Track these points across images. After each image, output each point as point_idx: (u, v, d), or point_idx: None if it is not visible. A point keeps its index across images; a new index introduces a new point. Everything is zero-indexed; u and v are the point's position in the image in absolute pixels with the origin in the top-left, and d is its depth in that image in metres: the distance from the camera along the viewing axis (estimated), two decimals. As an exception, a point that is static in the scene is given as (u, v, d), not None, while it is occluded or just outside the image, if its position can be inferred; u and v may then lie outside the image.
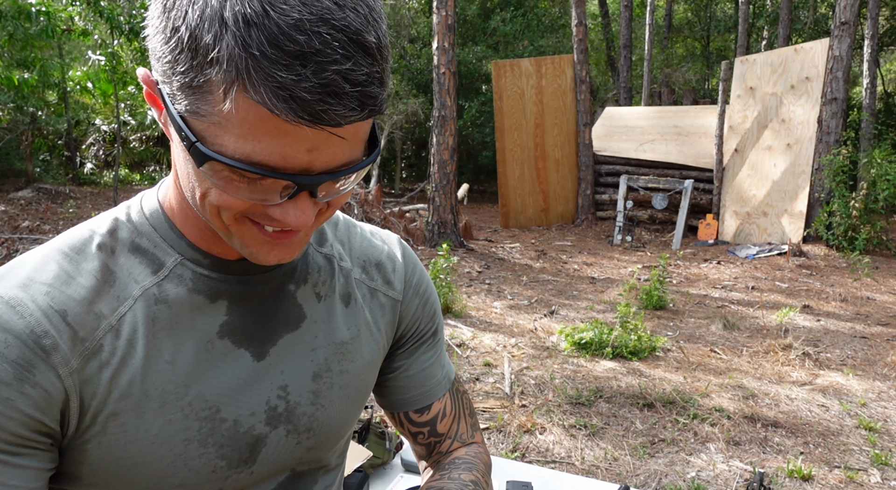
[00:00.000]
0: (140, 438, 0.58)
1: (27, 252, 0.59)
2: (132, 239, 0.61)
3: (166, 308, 0.60)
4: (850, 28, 8.47)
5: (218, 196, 0.52)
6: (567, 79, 10.33)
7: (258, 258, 0.57)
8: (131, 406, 0.58)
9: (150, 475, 0.60)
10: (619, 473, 2.78)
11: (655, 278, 5.56)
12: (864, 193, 8.13)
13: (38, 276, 0.56)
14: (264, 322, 0.66)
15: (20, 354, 0.53)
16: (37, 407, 0.53)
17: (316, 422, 0.70)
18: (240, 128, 0.47)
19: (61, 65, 10.41)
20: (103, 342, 0.57)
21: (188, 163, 0.52)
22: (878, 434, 3.19)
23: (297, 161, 0.49)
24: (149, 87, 0.53)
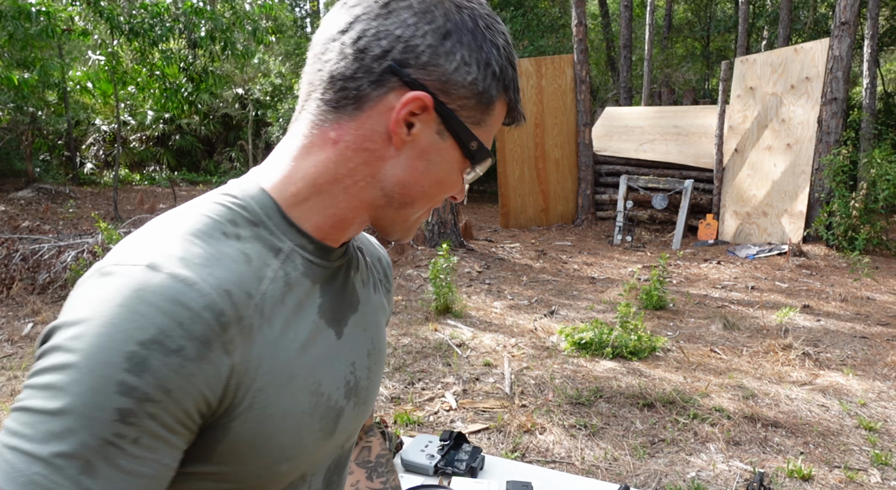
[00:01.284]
0: (275, 413, 0.61)
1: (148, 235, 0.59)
2: (251, 226, 0.64)
3: (289, 290, 0.64)
4: (850, 28, 8.47)
5: (455, 185, 0.69)
6: (567, 79, 10.33)
7: (405, 237, 0.72)
8: (270, 381, 0.61)
9: (276, 448, 0.63)
10: (619, 473, 2.78)
11: (655, 278, 5.56)
12: (864, 193, 8.13)
13: (193, 257, 0.57)
14: (340, 304, 0.72)
15: (203, 332, 0.54)
16: (208, 384, 0.55)
17: (369, 395, 0.77)
18: (494, 128, 0.68)
19: (61, 65, 10.40)
20: (253, 320, 0.59)
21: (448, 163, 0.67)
22: (878, 434, 3.19)
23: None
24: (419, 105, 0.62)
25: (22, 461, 0.49)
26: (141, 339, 0.51)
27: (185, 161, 18.80)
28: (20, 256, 6.07)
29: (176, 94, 10.08)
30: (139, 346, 0.51)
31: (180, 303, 0.53)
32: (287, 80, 17.70)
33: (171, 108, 10.44)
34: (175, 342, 0.52)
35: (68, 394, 0.50)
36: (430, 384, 3.76)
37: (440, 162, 0.65)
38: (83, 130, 17.49)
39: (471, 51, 0.63)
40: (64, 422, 0.49)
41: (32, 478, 0.48)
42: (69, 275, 5.72)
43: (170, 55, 9.45)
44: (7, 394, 3.54)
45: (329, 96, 0.63)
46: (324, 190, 0.66)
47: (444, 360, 4.16)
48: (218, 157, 19.28)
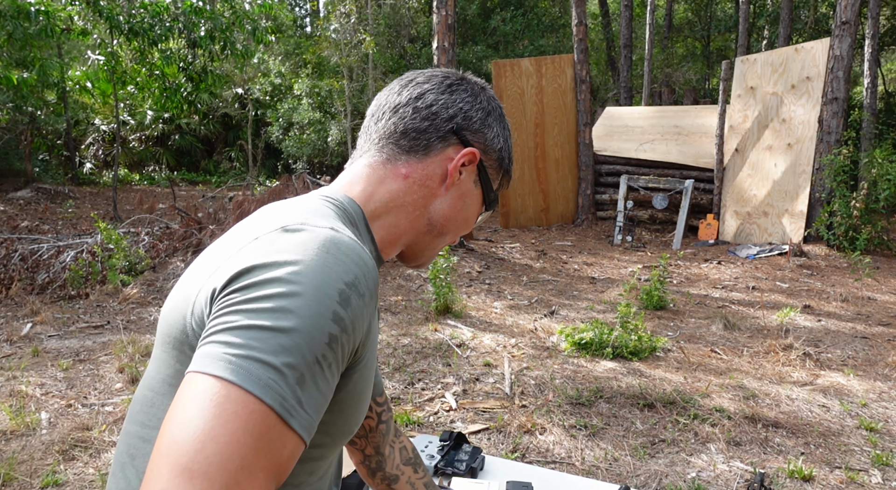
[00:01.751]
0: (369, 375, 0.74)
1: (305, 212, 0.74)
2: (352, 226, 0.79)
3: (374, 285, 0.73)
4: (851, 27, 8.46)
5: (473, 223, 0.91)
6: (567, 78, 10.32)
7: (426, 264, 0.92)
8: (372, 345, 0.74)
9: (356, 403, 0.74)
10: (620, 474, 2.77)
11: (656, 278, 5.55)
12: (865, 193, 8.12)
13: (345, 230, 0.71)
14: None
15: (373, 286, 0.67)
16: (364, 330, 0.67)
17: (377, 386, 0.95)
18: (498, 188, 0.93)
19: (60, 64, 10.39)
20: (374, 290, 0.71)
21: (472, 206, 0.90)
22: (878, 434, 3.18)
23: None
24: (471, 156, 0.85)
25: (258, 368, 0.57)
26: (346, 280, 0.64)
27: (185, 161, 18.79)
28: (19, 256, 6.05)
29: (175, 93, 10.07)
30: (345, 285, 0.63)
31: (363, 259, 0.67)
32: (287, 79, 17.68)
33: (170, 107, 10.43)
34: (364, 286, 0.65)
35: (298, 316, 0.59)
36: (429, 384, 3.75)
37: (471, 204, 0.88)
38: (82, 130, 17.47)
39: (501, 128, 0.89)
40: (293, 338, 0.59)
41: (268, 382, 0.57)
42: (68, 275, 5.71)
43: (169, 55, 9.44)
44: (6, 394, 3.53)
45: (403, 143, 0.84)
46: (392, 211, 0.84)
47: (444, 361, 4.15)
48: (217, 157, 19.27)
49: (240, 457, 0.54)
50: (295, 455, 0.59)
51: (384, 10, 15.49)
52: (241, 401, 0.55)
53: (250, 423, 0.55)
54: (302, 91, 15.68)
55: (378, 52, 14.14)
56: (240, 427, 0.55)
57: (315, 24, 24.14)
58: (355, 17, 13.83)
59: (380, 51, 14.46)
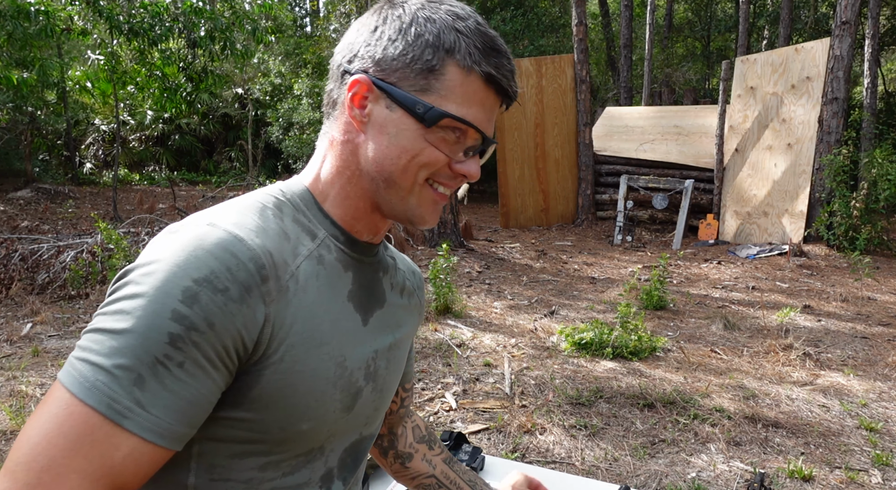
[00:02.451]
0: (302, 370, 0.69)
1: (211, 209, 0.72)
2: (293, 213, 0.76)
3: (322, 268, 0.74)
4: (851, 27, 8.46)
5: (431, 155, 0.72)
6: (567, 78, 10.31)
7: (425, 217, 0.77)
8: (302, 341, 0.69)
9: (300, 405, 0.70)
10: (620, 474, 2.77)
11: (656, 278, 5.55)
12: (865, 193, 8.12)
13: (244, 222, 0.68)
14: (369, 297, 0.82)
15: (246, 279, 0.64)
16: (246, 326, 0.64)
17: (385, 385, 0.85)
18: (460, 97, 0.71)
19: (60, 64, 10.39)
20: (289, 283, 0.69)
21: (406, 132, 0.72)
22: (879, 434, 3.18)
23: (485, 125, 0.74)
24: (364, 85, 0.72)
25: (89, 370, 0.59)
26: (196, 277, 0.61)
27: (185, 161, 18.79)
28: (19, 256, 6.05)
29: (175, 93, 10.07)
30: (193, 283, 0.61)
31: (230, 252, 0.64)
32: (287, 79, 17.68)
33: (170, 107, 10.43)
34: (222, 283, 0.62)
35: (133, 317, 0.60)
36: (430, 384, 3.75)
37: (398, 132, 0.72)
38: (82, 130, 17.48)
39: (397, 30, 0.72)
40: (126, 339, 0.59)
41: (95, 384, 0.58)
42: (68, 275, 5.71)
43: (169, 55, 9.44)
44: (6, 394, 3.53)
45: (326, 109, 0.79)
46: (335, 184, 0.78)
47: (444, 361, 4.15)
48: (217, 157, 19.27)
49: (48, 458, 0.56)
50: (137, 457, 0.59)
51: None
52: (65, 403, 0.58)
53: (67, 424, 0.57)
54: (302, 91, 15.68)
55: (378, 52, 14.14)
56: (54, 429, 0.57)
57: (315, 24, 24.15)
58: (355, 16, 13.83)
59: (380, 51, 14.44)
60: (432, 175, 0.74)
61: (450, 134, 0.72)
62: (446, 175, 0.75)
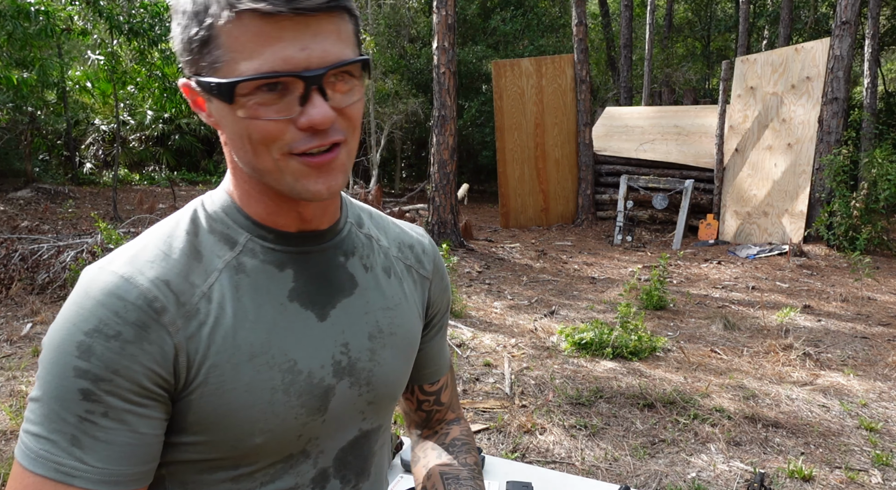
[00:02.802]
0: (235, 387, 0.68)
1: (126, 243, 0.72)
2: (209, 224, 0.73)
3: (245, 277, 0.71)
4: (851, 27, 8.46)
5: (258, 130, 0.63)
6: (567, 78, 10.32)
7: (309, 187, 0.66)
8: (226, 358, 0.68)
9: (245, 421, 0.69)
10: (620, 474, 2.77)
11: (656, 278, 5.55)
12: (865, 193, 8.12)
13: (143, 256, 0.67)
14: (324, 288, 0.76)
15: (138, 317, 0.63)
16: (155, 361, 0.64)
17: (374, 377, 0.79)
18: (244, 50, 0.60)
19: (60, 64, 10.40)
20: (199, 306, 0.67)
21: (228, 118, 0.64)
22: (879, 434, 3.18)
23: (297, 61, 0.60)
24: (188, 89, 0.67)
25: (31, 441, 0.62)
26: (85, 330, 0.62)
27: (185, 161, 18.79)
28: (19, 256, 6.05)
29: (175, 93, 10.07)
30: (85, 336, 0.62)
31: (116, 295, 0.63)
32: (287, 79, 17.66)
33: (170, 107, 10.43)
34: (112, 329, 0.62)
35: (45, 383, 0.62)
36: (429, 384, 3.74)
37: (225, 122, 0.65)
38: (82, 130, 17.47)
39: (174, 17, 0.65)
40: (49, 406, 0.62)
41: (39, 453, 0.61)
42: (68, 275, 5.71)
43: (169, 55, 9.44)
44: (6, 394, 3.53)
45: None
46: (238, 182, 0.74)
47: (443, 360, 4.15)
48: (217, 157, 19.26)
49: None
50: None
51: (384, 10, 15.49)
52: (21, 476, 0.62)
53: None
54: (302, 91, 15.67)
55: (378, 52, 14.14)
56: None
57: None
58: (355, 17, 13.83)
59: (380, 51, 14.46)
60: (286, 146, 0.64)
61: (263, 95, 0.61)
62: (299, 139, 0.64)
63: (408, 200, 14.15)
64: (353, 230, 0.82)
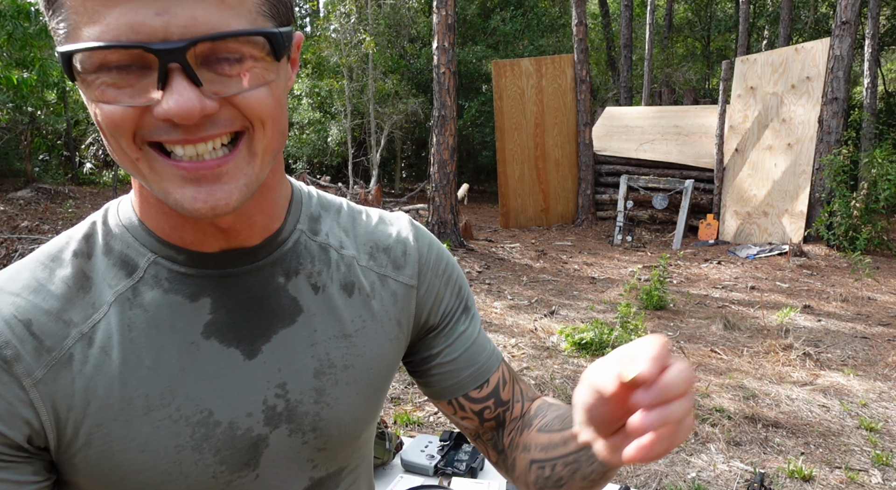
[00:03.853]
0: (128, 447, 0.56)
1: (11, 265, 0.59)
2: (106, 242, 0.59)
3: (142, 312, 0.57)
4: (851, 27, 8.46)
5: (105, 115, 0.48)
6: (567, 79, 10.32)
7: (184, 204, 0.50)
8: (114, 415, 0.56)
9: (146, 484, 0.57)
10: (620, 474, 2.77)
11: (656, 278, 5.55)
12: (865, 193, 8.12)
13: (8, 286, 0.55)
14: (254, 318, 0.62)
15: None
16: (4, 422, 0.52)
17: (322, 421, 0.65)
18: (85, 12, 0.45)
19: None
20: (73, 351, 0.55)
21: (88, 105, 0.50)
22: (879, 434, 3.18)
23: (150, 29, 0.45)
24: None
25: None
26: None
27: (185, 161, 18.80)
28: (19, 256, 6.06)
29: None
30: None
31: None
32: (287, 79, 17.67)
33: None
34: None
35: None
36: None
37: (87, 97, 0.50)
38: (82, 130, 17.48)
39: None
40: None
41: None
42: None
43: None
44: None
45: None
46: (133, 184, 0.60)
47: (443, 360, 4.15)
48: (218, 157, 19.27)
49: None
50: None
51: (384, 10, 15.49)
52: None
53: None
54: (302, 91, 15.67)
55: (378, 52, 14.14)
56: None
57: (315, 24, 24.14)
58: (355, 17, 13.83)
59: (380, 51, 14.46)
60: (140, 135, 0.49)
61: (113, 73, 0.47)
62: (155, 128, 0.48)
63: (408, 200, 14.16)
64: (303, 239, 0.66)
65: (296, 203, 0.67)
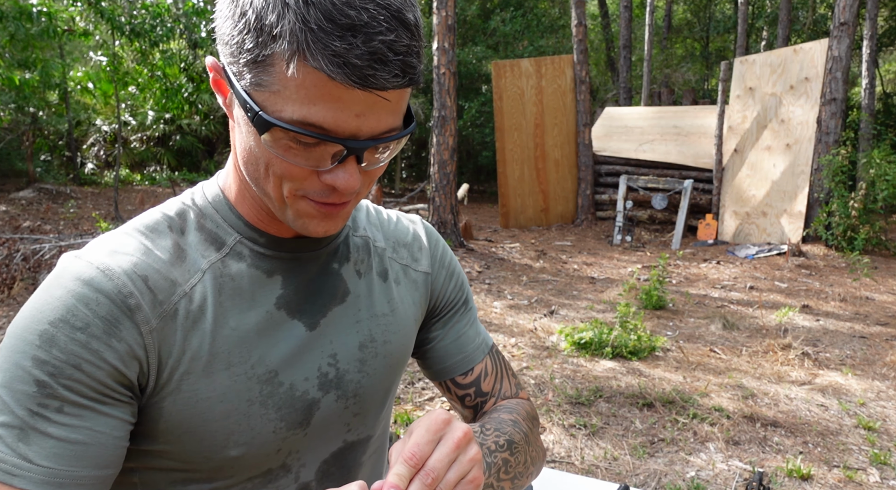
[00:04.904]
0: (209, 396, 0.64)
1: (107, 233, 0.67)
2: (198, 220, 0.69)
3: (230, 280, 0.67)
4: (849, 28, 8.49)
5: (280, 166, 0.59)
6: (567, 79, 10.34)
7: (308, 229, 0.64)
8: (202, 366, 0.64)
9: (218, 432, 0.65)
10: (619, 473, 2.79)
11: (655, 278, 5.57)
12: (863, 193, 8.15)
13: (122, 248, 0.63)
14: (315, 296, 0.72)
15: (109, 311, 0.59)
16: (121, 359, 0.59)
17: (362, 388, 0.76)
18: (297, 94, 0.54)
19: (62, 65, 10.42)
20: (178, 306, 0.63)
21: (251, 135, 0.59)
22: (876, 433, 3.20)
23: (347, 125, 0.55)
24: (216, 72, 0.61)
25: None
26: (51, 319, 0.57)
27: (186, 161, 18.80)
28: (21, 256, 6.08)
29: (176, 94, 10.10)
30: (49, 325, 0.57)
31: (89, 285, 0.59)
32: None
33: (171, 108, 10.46)
34: (81, 320, 0.58)
35: (1, 371, 0.57)
36: (429, 384, 3.77)
37: (246, 132, 0.60)
38: (84, 131, 17.48)
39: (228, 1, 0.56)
40: (1, 396, 0.56)
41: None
42: (71, 275, 5.73)
43: (170, 55, 9.47)
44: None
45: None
46: (236, 180, 0.69)
47: (444, 360, 4.17)
48: (218, 158, 19.27)
49: None
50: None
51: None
52: None
53: None
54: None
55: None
56: None
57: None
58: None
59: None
60: (301, 190, 0.61)
61: (296, 142, 0.56)
62: (317, 191, 0.61)
63: (408, 200, 14.18)
64: (350, 234, 0.79)
65: None
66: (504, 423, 0.80)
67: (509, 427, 0.79)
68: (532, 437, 0.83)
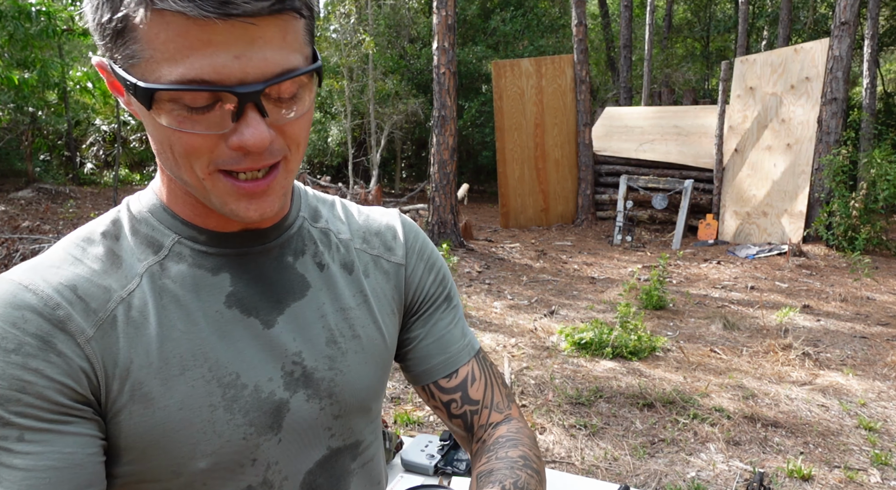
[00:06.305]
0: (167, 404, 0.61)
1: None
2: (132, 225, 0.66)
3: (171, 282, 0.64)
4: (850, 28, 8.47)
5: (181, 142, 0.55)
6: (567, 79, 10.33)
7: (238, 213, 0.60)
8: (153, 373, 0.61)
9: (183, 442, 0.61)
10: (619, 473, 2.78)
11: (655, 278, 5.56)
12: (864, 193, 8.13)
13: (47, 261, 0.61)
14: (269, 292, 0.68)
15: (38, 327, 0.56)
16: (66, 374, 0.56)
17: (336, 386, 0.71)
18: (166, 51, 0.50)
19: (62, 65, 10.40)
20: (116, 313, 0.60)
21: (148, 120, 0.56)
22: (877, 434, 3.19)
23: (230, 71, 0.51)
24: (104, 71, 0.58)
25: None
26: None
27: (185, 161, 18.82)
28: (20, 256, 6.07)
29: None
30: None
31: (13, 305, 0.56)
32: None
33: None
34: (11, 342, 0.55)
35: None
36: (430, 384, 3.76)
37: (145, 121, 0.57)
38: (83, 130, 17.49)
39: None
40: None
41: None
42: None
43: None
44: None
45: None
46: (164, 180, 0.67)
47: (444, 360, 4.16)
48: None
49: None
50: None
51: (384, 11, 15.49)
52: None
53: None
54: (302, 91, 15.71)
55: (378, 53, 14.15)
56: None
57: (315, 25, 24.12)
58: (355, 17, 13.84)
59: (380, 51, 14.47)
60: (213, 163, 0.57)
61: (187, 109, 0.53)
62: (229, 158, 0.56)
63: (408, 200, 14.17)
64: (306, 225, 0.74)
65: (297, 195, 0.76)
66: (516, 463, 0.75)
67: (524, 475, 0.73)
68: (542, 472, 0.78)
